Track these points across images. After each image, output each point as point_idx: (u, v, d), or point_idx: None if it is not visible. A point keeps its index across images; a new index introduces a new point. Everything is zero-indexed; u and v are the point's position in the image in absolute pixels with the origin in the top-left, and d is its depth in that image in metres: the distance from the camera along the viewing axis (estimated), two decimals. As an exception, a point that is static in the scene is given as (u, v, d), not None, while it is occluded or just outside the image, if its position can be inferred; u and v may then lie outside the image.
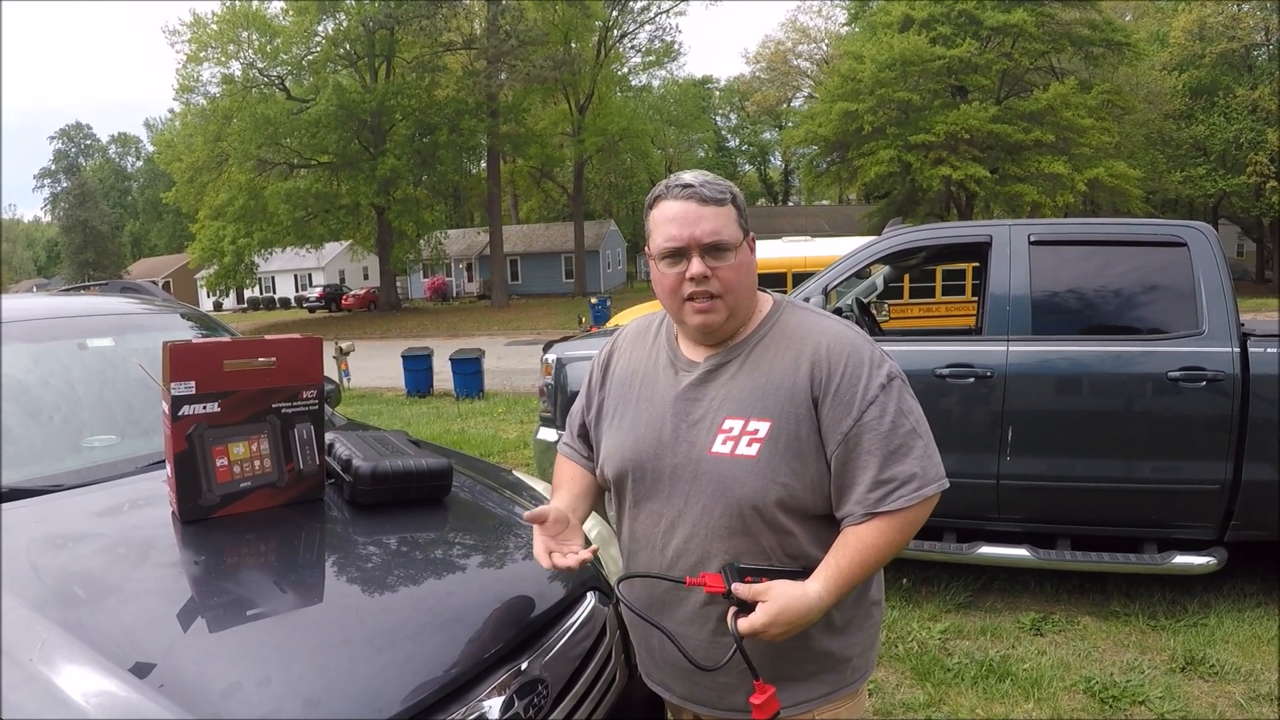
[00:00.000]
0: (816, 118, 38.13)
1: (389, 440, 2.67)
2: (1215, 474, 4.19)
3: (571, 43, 41.34)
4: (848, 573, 1.57)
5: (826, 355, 1.63)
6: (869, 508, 1.59)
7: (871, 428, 1.59)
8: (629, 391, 1.81)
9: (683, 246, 1.63)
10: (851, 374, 1.61)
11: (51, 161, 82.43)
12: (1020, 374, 4.36)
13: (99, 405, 2.90)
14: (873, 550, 1.58)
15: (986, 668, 3.83)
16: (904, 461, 1.59)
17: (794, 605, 1.52)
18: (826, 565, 1.58)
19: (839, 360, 1.62)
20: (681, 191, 1.64)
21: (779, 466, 1.61)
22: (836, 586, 1.56)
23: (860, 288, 6.83)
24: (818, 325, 1.70)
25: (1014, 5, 34.44)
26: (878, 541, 1.59)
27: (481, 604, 1.99)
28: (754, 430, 1.63)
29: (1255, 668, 3.81)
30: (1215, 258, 4.35)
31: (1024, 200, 33.20)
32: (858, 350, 1.64)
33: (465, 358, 13.52)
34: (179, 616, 1.77)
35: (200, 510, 2.19)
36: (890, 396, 1.62)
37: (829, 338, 1.66)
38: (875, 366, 1.63)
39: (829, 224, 46.10)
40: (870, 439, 1.59)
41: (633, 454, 1.75)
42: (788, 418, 1.62)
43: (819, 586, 1.55)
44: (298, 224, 37.72)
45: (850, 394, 1.61)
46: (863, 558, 1.58)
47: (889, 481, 1.58)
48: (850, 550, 1.58)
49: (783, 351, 1.67)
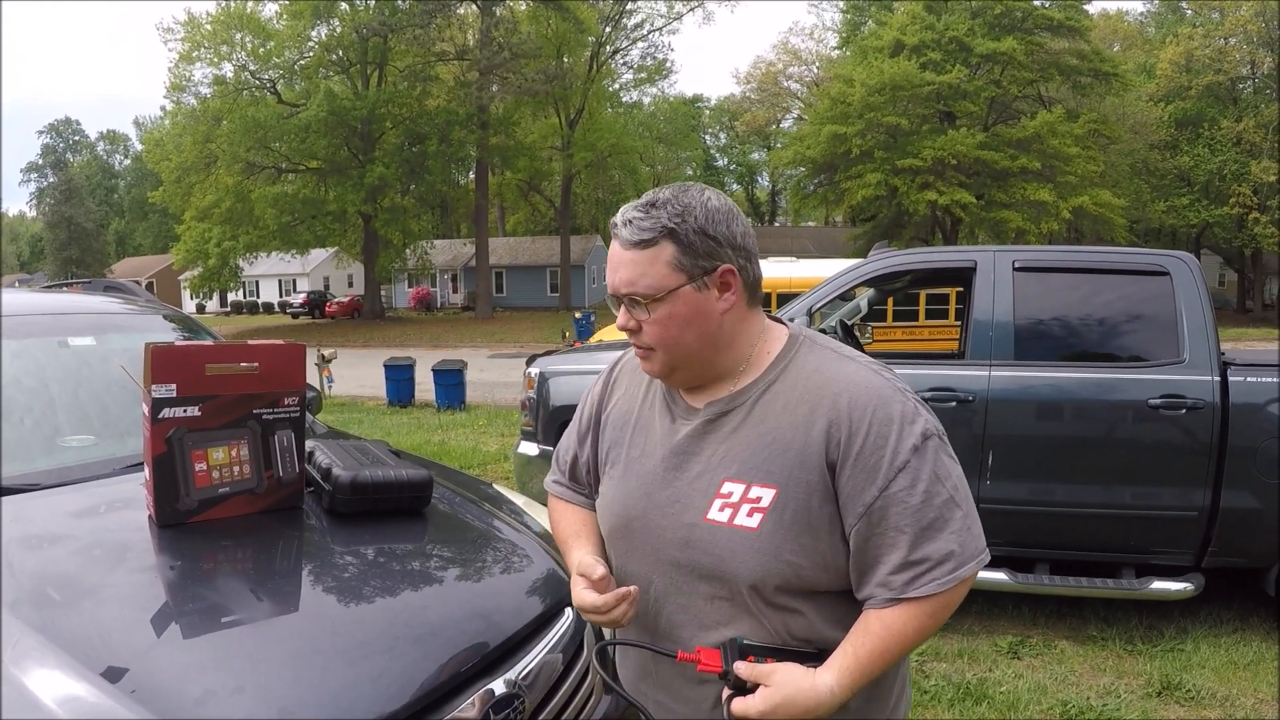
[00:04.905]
0: (805, 139, 38.48)
1: (369, 450, 2.65)
2: (1194, 501, 4.21)
3: (564, 57, 41.57)
4: (867, 663, 1.32)
5: (848, 412, 1.35)
6: (896, 592, 1.32)
7: (900, 500, 1.32)
8: (623, 435, 1.58)
9: (611, 294, 1.44)
10: (877, 435, 1.33)
11: (39, 156, 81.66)
12: (1002, 399, 4.38)
13: (78, 405, 2.87)
14: (898, 639, 1.32)
15: (963, 690, 3.83)
16: (939, 538, 1.32)
17: (801, 698, 1.29)
18: (843, 653, 1.33)
19: (862, 418, 1.34)
20: (614, 229, 1.41)
21: (784, 542, 1.35)
22: (853, 678, 1.31)
23: (844, 309, 6.85)
24: (839, 373, 1.40)
25: (1004, 33, 34.96)
26: (905, 629, 1.32)
27: (459, 617, 1.98)
28: (756, 498, 1.37)
29: (1231, 693, 3.83)
30: (1197, 287, 4.40)
31: (1009, 226, 33.51)
32: (885, 405, 1.35)
33: (448, 369, 13.48)
34: (153, 621, 1.75)
35: (178, 515, 2.16)
36: (924, 461, 1.33)
37: (851, 389, 1.37)
38: (907, 424, 1.34)
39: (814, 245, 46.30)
40: (899, 513, 1.32)
41: (621, 510, 1.52)
42: (797, 485, 1.36)
43: (832, 678, 1.31)
44: (284, 229, 37.64)
45: (876, 459, 1.33)
46: (885, 646, 1.32)
47: (921, 562, 1.31)
48: (873, 637, 1.33)
49: (795, 404, 1.39)
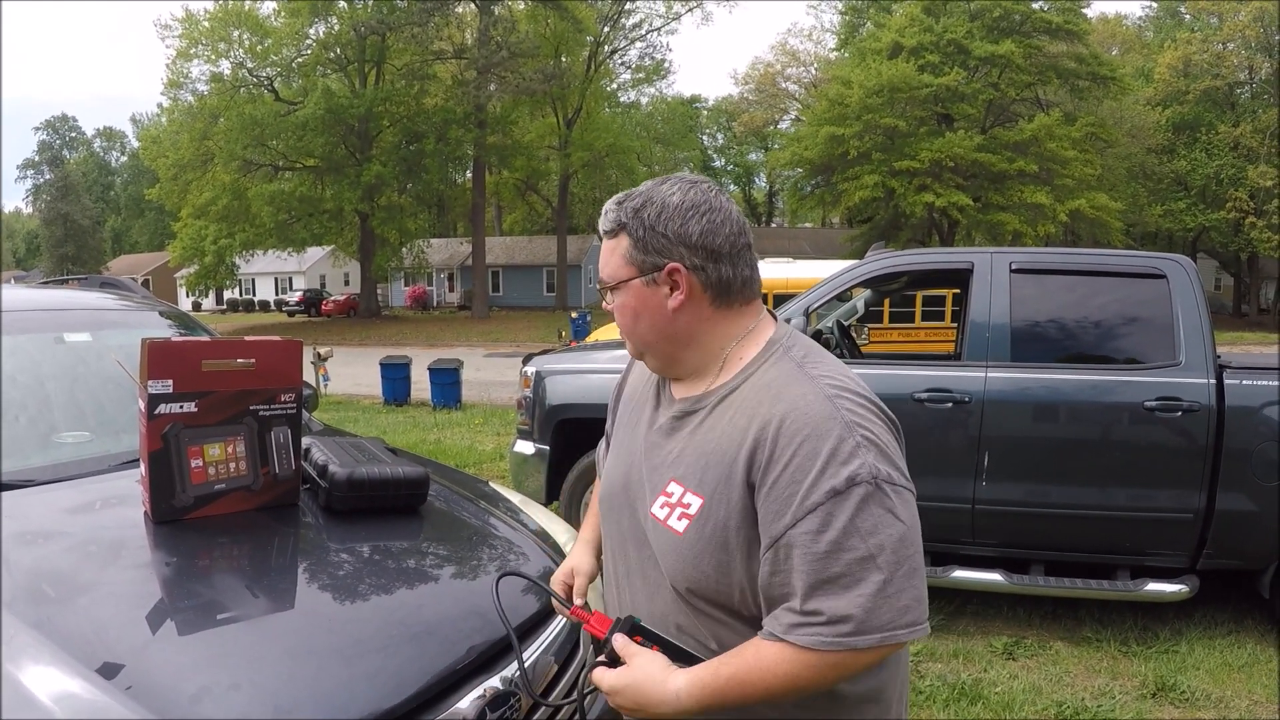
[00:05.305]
0: (803, 140, 38.49)
1: (365, 447, 2.65)
2: (1189, 503, 4.22)
3: (562, 56, 41.52)
4: (724, 685, 1.23)
5: (775, 435, 1.24)
6: (780, 630, 1.21)
7: (804, 544, 1.19)
8: (625, 415, 1.61)
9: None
10: (798, 467, 1.21)
11: (35, 152, 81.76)
12: (998, 400, 4.39)
13: (73, 401, 2.86)
14: (765, 675, 1.21)
15: (959, 691, 3.83)
16: (842, 596, 1.17)
17: (646, 687, 1.26)
18: (707, 665, 1.26)
19: (788, 445, 1.22)
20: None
21: (702, 554, 1.30)
22: (703, 691, 1.23)
23: (841, 310, 6.86)
24: (789, 391, 1.29)
25: (1002, 36, 34.99)
26: (775, 669, 1.20)
27: (455, 615, 1.98)
28: (687, 504, 1.33)
29: (1226, 694, 3.84)
30: (1194, 290, 4.41)
31: (1005, 229, 33.55)
32: (819, 436, 1.21)
33: (444, 368, 13.45)
34: (149, 618, 1.75)
35: (173, 511, 2.15)
36: (842, 508, 1.18)
37: (791, 412, 1.25)
38: (836, 463, 1.20)
39: (811, 246, 46.31)
40: (800, 556, 1.20)
41: (607, 483, 1.56)
42: (720, 501, 1.29)
43: (683, 682, 1.25)
44: (280, 227, 37.54)
45: (790, 492, 1.21)
46: (748, 676, 1.22)
47: (811, 614, 1.19)
48: (740, 661, 1.23)
49: (739, 416, 1.32)
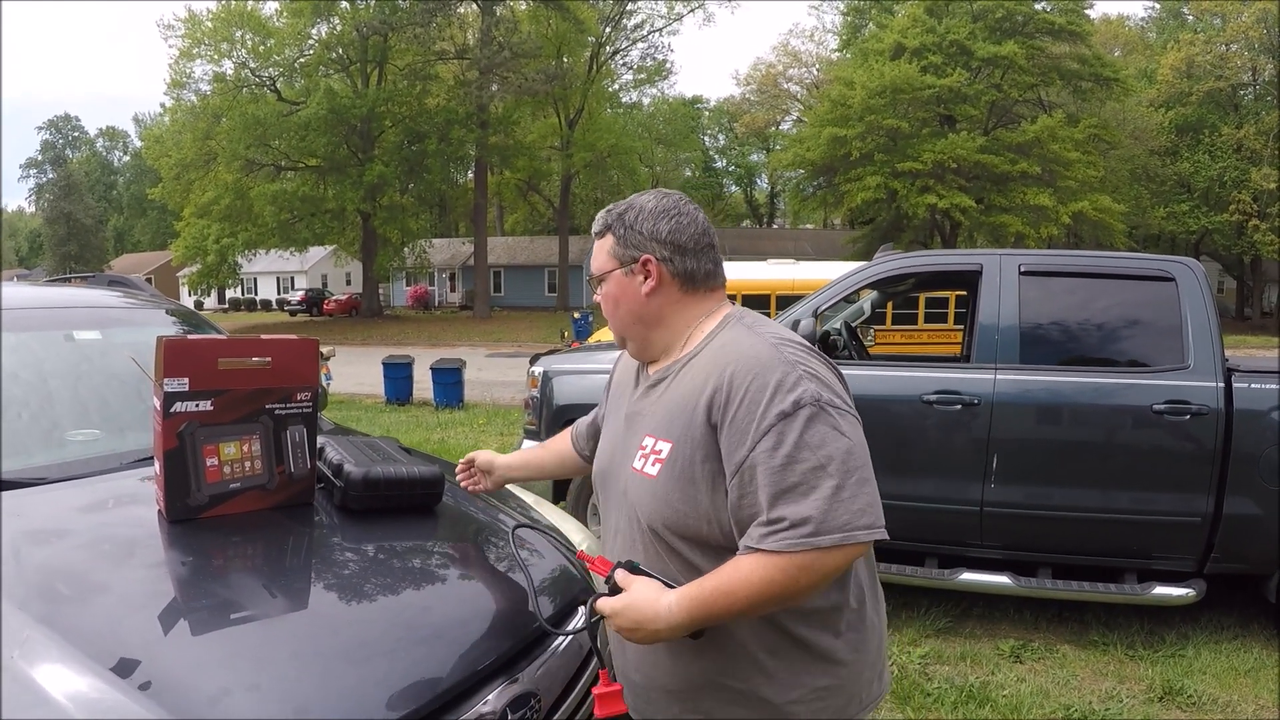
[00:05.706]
0: (805, 141, 38.42)
1: (380, 446, 2.64)
2: (1197, 507, 4.22)
3: (564, 57, 41.49)
4: (709, 596, 1.44)
5: (729, 379, 1.50)
6: (753, 542, 1.43)
7: (763, 461, 1.44)
8: (612, 402, 1.89)
9: None
10: (750, 400, 1.47)
11: (38, 152, 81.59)
12: (1007, 402, 4.38)
13: (83, 399, 2.85)
14: (743, 584, 1.42)
15: (966, 693, 3.83)
16: (800, 503, 1.41)
17: (643, 604, 1.46)
18: (693, 582, 1.48)
19: (740, 384, 1.49)
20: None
21: (672, 490, 1.55)
22: (691, 604, 1.45)
23: (848, 311, 6.85)
24: (739, 345, 1.56)
25: (1005, 37, 34.92)
26: (751, 576, 1.41)
27: (474, 615, 1.97)
28: (659, 451, 1.59)
29: (1232, 699, 3.83)
30: (1202, 293, 4.40)
31: (1008, 231, 33.51)
32: (764, 373, 1.48)
33: (446, 367, 13.46)
34: (164, 617, 1.74)
35: (188, 510, 2.14)
36: (791, 426, 1.43)
37: (741, 359, 1.52)
38: (781, 391, 1.46)
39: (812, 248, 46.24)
40: (763, 473, 1.44)
41: (598, 463, 1.84)
42: (685, 442, 1.55)
43: (673, 598, 1.46)
44: (282, 226, 37.54)
45: (746, 423, 1.46)
46: (731, 587, 1.43)
47: (776, 522, 1.41)
48: (722, 575, 1.45)
49: (699, 372, 1.58)
